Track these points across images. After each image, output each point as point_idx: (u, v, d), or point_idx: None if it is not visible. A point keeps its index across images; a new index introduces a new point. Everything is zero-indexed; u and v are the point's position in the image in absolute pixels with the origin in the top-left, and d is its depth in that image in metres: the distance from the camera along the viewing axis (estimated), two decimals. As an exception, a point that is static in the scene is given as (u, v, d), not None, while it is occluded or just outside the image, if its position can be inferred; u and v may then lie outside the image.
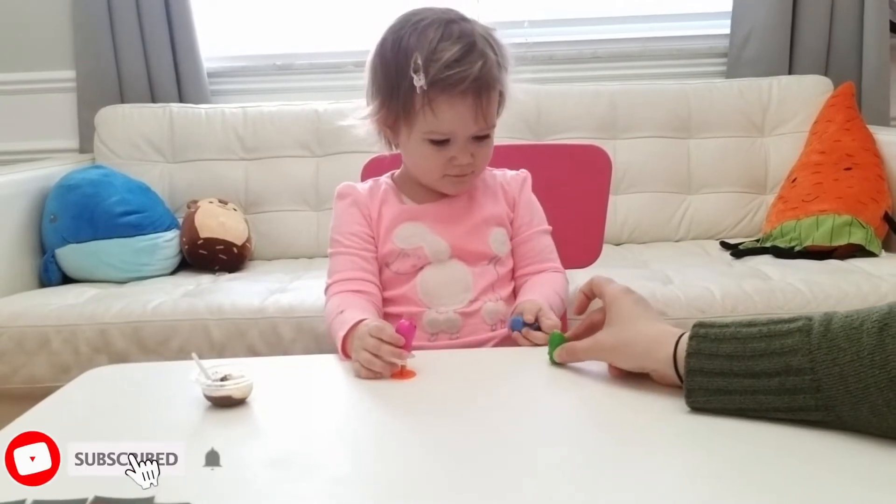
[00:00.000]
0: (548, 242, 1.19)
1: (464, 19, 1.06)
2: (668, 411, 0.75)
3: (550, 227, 1.19)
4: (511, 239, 1.16)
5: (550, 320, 1.00)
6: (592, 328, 0.90)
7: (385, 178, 1.17)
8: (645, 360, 0.80)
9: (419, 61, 1.01)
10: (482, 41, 1.04)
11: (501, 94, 1.08)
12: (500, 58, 1.06)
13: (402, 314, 1.09)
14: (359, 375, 0.90)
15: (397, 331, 0.89)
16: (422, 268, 1.11)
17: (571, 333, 0.93)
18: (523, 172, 1.20)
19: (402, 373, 0.89)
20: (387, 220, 1.12)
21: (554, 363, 0.90)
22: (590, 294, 0.93)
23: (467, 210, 1.13)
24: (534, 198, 1.19)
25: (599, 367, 0.87)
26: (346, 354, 0.96)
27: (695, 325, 0.75)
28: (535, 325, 1.00)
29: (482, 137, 1.07)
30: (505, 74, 1.07)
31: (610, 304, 0.86)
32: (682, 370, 0.74)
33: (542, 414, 0.81)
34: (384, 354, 0.88)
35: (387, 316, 1.12)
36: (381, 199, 1.14)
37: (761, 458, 0.65)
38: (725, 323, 0.74)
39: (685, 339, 0.75)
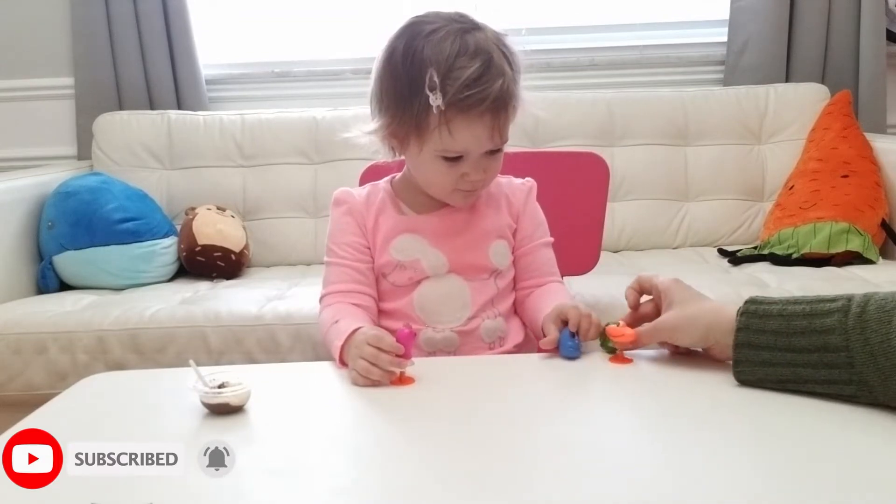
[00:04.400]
0: (550, 256, 1.17)
1: (477, 27, 1.01)
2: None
3: (552, 239, 1.17)
4: (514, 251, 1.14)
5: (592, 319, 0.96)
6: (641, 319, 0.96)
7: (384, 184, 1.15)
8: (709, 333, 0.86)
9: (436, 78, 0.96)
10: (498, 54, 1.00)
11: (515, 107, 1.04)
12: (514, 70, 1.02)
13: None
14: (356, 383, 0.89)
15: (397, 339, 0.89)
16: (419, 281, 1.09)
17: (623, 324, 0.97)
18: (529, 182, 1.17)
19: (401, 379, 0.89)
20: (384, 230, 1.10)
21: (610, 352, 0.94)
22: (639, 289, 0.97)
23: (467, 222, 1.11)
24: (538, 209, 1.17)
25: (594, 370, 0.88)
26: (343, 364, 0.95)
27: (746, 301, 0.83)
28: (575, 333, 0.95)
29: (494, 151, 1.04)
30: (519, 86, 1.03)
31: (665, 291, 0.93)
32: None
33: (542, 420, 0.80)
34: (382, 363, 0.87)
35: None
36: (378, 207, 1.11)
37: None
38: (774, 300, 0.82)
39: (742, 306, 0.82)
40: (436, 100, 0.96)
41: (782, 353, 0.78)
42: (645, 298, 0.98)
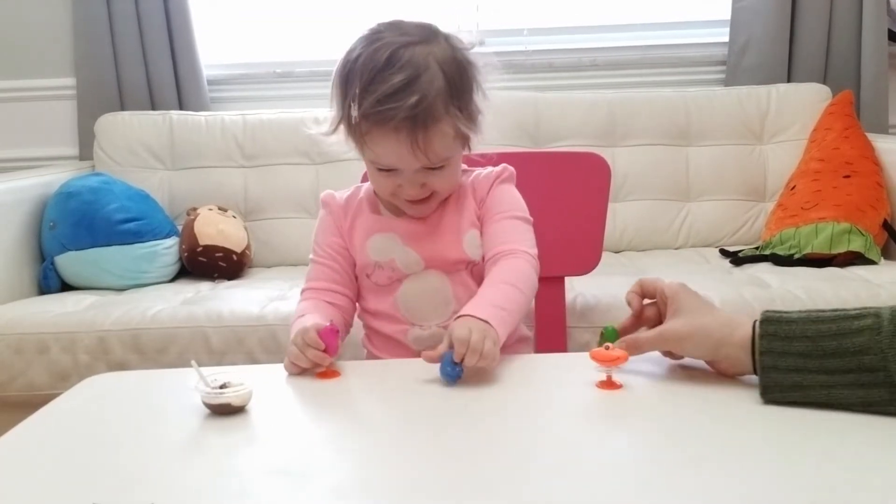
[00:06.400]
0: (511, 226, 1.10)
1: (426, 41, 1.00)
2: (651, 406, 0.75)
3: (522, 215, 1.12)
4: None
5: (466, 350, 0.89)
6: (642, 322, 0.92)
7: (367, 185, 1.15)
8: (720, 347, 0.83)
9: (356, 90, 0.97)
10: (435, 71, 0.97)
11: (443, 130, 0.99)
12: (455, 89, 0.99)
13: (388, 332, 1.11)
14: (287, 370, 0.94)
15: (319, 335, 0.92)
16: (400, 281, 1.10)
17: (621, 327, 0.93)
18: (500, 168, 1.14)
19: (325, 373, 0.93)
20: (360, 231, 1.11)
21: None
22: (641, 293, 0.94)
23: (440, 218, 1.10)
24: (506, 190, 1.13)
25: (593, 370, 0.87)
26: None
27: (763, 321, 0.78)
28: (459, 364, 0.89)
29: (436, 168, 1.01)
30: (465, 101, 1.01)
31: (672, 297, 0.89)
32: (757, 359, 0.78)
33: (541, 419, 0.81)
34: (308, 354, 0.91)
35: (373, 332, 1.14)
36: (355, 210, 1.13)
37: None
38: (793, 318, 0.77)
39: (758, 327, 0.78)
40: (353, 111, 0.98)
41: (813, 376, 0.75)
42: (647, 302, 0.94)
